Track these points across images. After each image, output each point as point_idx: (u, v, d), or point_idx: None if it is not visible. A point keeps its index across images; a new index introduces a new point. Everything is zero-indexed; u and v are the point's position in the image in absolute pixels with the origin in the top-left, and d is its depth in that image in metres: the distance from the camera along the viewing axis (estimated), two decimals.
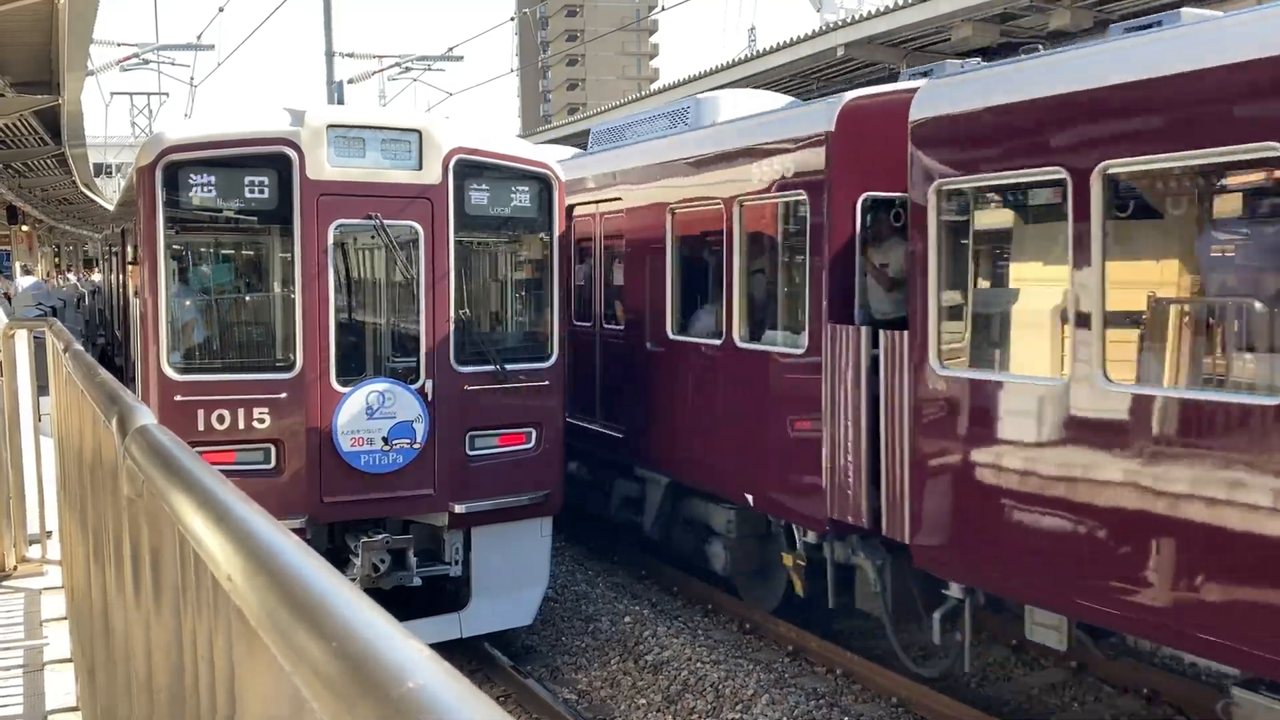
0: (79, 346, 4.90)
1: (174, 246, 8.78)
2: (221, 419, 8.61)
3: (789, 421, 9.13)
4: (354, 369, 9.08)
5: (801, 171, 8.89)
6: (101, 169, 43.05)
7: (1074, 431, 6.67)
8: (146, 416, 2.51)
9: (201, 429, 8.51)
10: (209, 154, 8.60)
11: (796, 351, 8.99)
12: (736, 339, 9.77)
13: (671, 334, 10.83)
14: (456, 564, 9.60)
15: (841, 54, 16.87)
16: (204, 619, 1.75)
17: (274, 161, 8.72)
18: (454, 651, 9.34)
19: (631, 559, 12.84)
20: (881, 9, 16.06)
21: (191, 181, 8.55)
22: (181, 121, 17.39)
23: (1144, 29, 6.66)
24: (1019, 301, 7.60)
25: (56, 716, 4.87)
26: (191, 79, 37.58)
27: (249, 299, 9.42)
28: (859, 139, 8.62)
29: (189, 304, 9.04)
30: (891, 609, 8.68)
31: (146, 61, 30.19)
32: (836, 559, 9.03)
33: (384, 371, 9.19)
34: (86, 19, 11.87)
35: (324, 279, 8.86)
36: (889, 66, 17.41)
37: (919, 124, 7.74)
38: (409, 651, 0.95)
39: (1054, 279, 7.05)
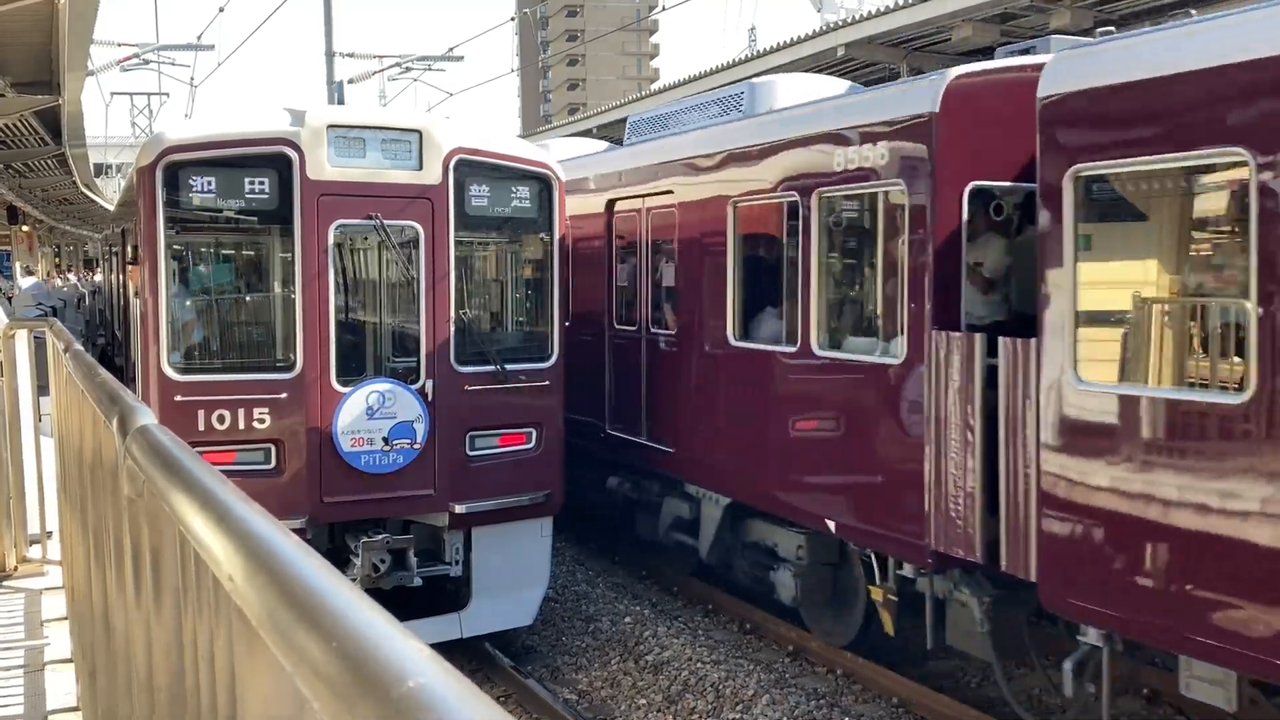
0: (79, 346, 4.90)
1: (174, 246, 8.79)
2: (222, 419, 8.62)
3: (882, 440, 8.21)
4: (354, 369, 9.09)
5: (898, 158, 7.95)
6: (102, 169, 43.04)
7: (1257, 459, 5.73)
8: (147, 416, 2.51)
9: (202, 429, 8.52)
10: (209, 154, 8.61)
11: (892, 361, 8.06)
12: (814, 346, 8.82)
13: (734, 340, 9.92)
14: (457, 564, 9.61)
15: (842, 54, 16.86)
16: (204, 619, 1.75)
17: (274, 161, 8.73)
18: (454, 652, 9.34)
19: (631, 559, 12.84)
20: (882, 9, 16.05)
21: (192, 182, 8.56)
22: (182, 122, 17.41)
23: None
24: (1182, 306, 6.68)
25: (57, 717, 4.87)
26: (192, 79, 37.75)
27: (249, 299, 9.43)
28: (966, 121, 7.74)
29: (189, 304, 9.05)
30: (996, 650, 7.86)
31: (147, 61, 30.19)
32: (936, 594, 8.15)
33: (384, 372, 9.20)
34: (86, 19, 11.87)
35: (324, 279, 8.87)
36: (889, 66, 17.42)
37: (1052, 100, 6.75)
38: (409, 651, 0.95)
39: (1227, 280, 6.26)
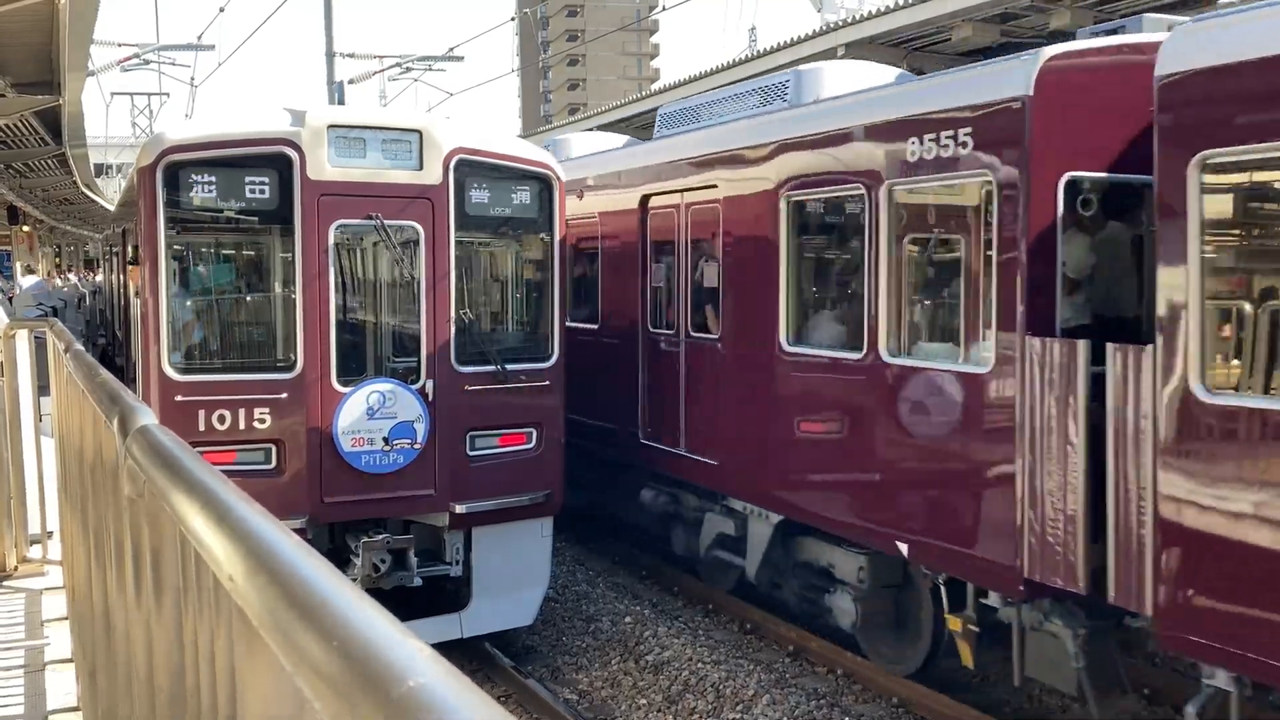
0: (80, 346, 4.90)
1: (175, 247, 8.79)
2: (222, 419, 8.62)
3: (964, 457, 7.60)
4: (355, 369, 9.09)
5: (985, 146, 7.34)
6: (102, 169, 43.05)
7: None
8: (148, 417, 2.51)
9: (202, 429, 8.52)
10: (210, 154, 8.61)
11: (977, 370, 7.45)
12: (884, 352, 8.19)
13: (787, 345, 9.28)
14: (457, 564, 9.61)
15: (842, 54, 16.85)
16: (205, 619, 1.75)
17: (275, 162, 8.74)
18: (454, 651, 9.34)
19: (631, 559, 12.84)
20: (882, 9, 16.06)
21: (192, 182, 8.57)
22: (182, 122, 17.41)
23: None
24: None
25: (57, 717, 4.87)
26: (192, 79, 37.73)
27: (250, 299, 9.43)
28: (1062, 106, 7.13)
29: (190, 304, 9.05)
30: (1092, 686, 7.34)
31: (147, 62, 30.19)
32: (1024, 624, 7.58)
33: (385, 372, 9.20)
34: (87, 19, 11.87)
35: (325, 279, 8.87)
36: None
37: (1173, 80, 6.15)
38: (410, 651, 0.95)
39: None
